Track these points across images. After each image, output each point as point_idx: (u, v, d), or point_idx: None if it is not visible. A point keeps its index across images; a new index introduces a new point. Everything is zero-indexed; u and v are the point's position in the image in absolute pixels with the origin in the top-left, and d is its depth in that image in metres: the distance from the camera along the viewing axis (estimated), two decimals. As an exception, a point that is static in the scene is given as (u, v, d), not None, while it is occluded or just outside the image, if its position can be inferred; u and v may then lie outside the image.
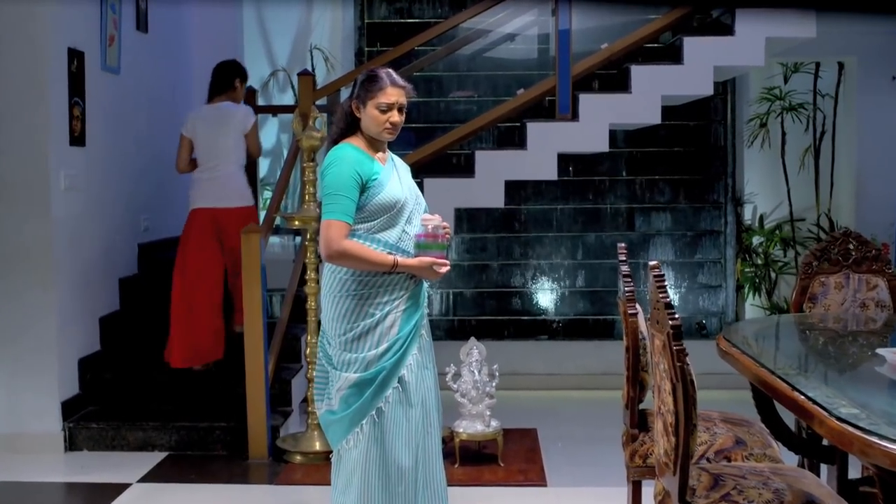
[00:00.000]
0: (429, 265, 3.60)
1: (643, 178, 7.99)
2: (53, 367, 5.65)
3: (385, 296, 3.63)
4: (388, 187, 3.62)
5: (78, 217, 5.88)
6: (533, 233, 8.01)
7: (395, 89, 3.65)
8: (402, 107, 3.67)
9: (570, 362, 7.72)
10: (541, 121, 6.55)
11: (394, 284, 3.63)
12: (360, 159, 3.62)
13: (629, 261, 3.88)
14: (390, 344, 3.62)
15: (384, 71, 3.69)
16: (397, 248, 3.62)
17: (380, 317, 3.62)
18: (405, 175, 3.78)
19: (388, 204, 3.61)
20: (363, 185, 3.59)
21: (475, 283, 8.02)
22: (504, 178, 6.41)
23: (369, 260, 3.57)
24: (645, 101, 6.36)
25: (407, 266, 3.60)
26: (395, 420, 3.62)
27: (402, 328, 3.64)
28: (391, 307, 3.63)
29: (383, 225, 3.63)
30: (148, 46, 6.99)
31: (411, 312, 3.68)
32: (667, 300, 2.78)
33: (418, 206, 3.74)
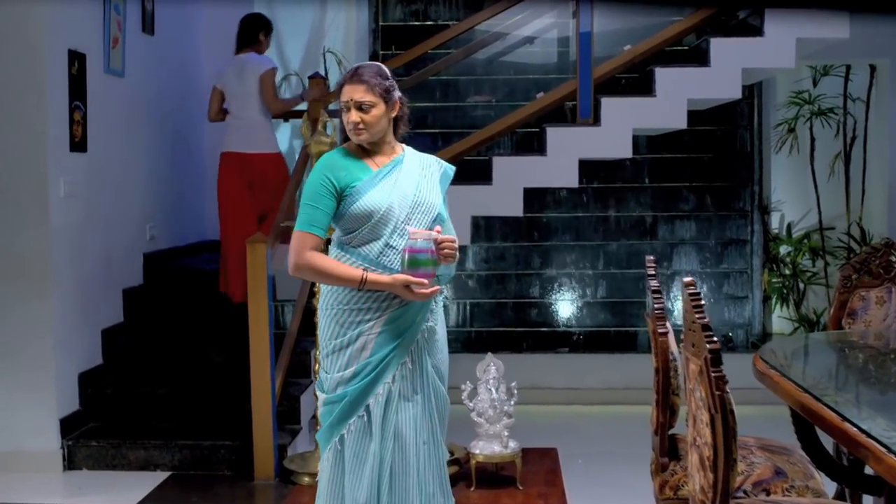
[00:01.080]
0: (402, 284, 3.24)
1: (666, 185, 7.76)
2: (51, 382, 5.41)
3: (357, 315, 3.33)
4: (368, 195, 3.31)
5: (78, 226, 5.65)
6: (552, 242, 7.78)
7: (351, 85, 3.32)
8: (363, 104, 3.31)
9: (592, 376, 7.45)
10: (561, 126, 6.31)
11: (368, 303, 3.32)
12: (336, 166, 3.37)
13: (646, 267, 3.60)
14: (358, 368, 3.33)
15: (354, 67, 3.41)
16: (377, 264, 3.31)
17: (350, 337, 3.34)
18: (412, 179, 3.40)
19: (363, 214, 3.30)
20: (339, 193, 3.33)
21: (493, 293, 7.79)
22: (523, 186, 6.16)
23: (334, 275, 3.31)
24: (670, 104, 6.11)
25: (377, 283, 3.28)
26: (355, 452, 3.34)
27: (374, 352, 3.32)
28: (363, 328, 3.33)
29: (364, 237, 3.34)
30: (154, 49, 6.76)
31: (389, 337, 3.32)
32: (704, 321, 2.51)
33: (421, 215, 3.38)
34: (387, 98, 3.36)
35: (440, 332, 3.49)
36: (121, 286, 6.25)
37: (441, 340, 3.49)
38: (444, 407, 3.50)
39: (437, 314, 3.47)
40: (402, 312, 3.34)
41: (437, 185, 3.47)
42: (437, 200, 3.43)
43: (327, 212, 3.33)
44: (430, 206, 3.40)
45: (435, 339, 3.45)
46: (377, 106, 3.33)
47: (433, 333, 3.44)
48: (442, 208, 3.44)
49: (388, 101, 3.37)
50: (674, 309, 7.62)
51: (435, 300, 3.43)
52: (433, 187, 3.45)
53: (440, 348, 3.48)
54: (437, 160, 3.55)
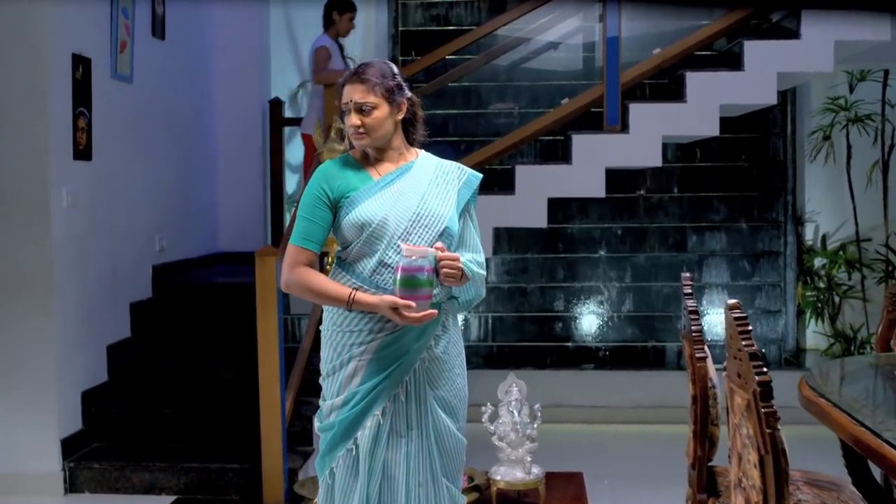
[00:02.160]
0: (389, 305, 2.91)
1: (696, 195, 7.50)
2: (53, 401, 5.17)
3: (349, 338, 3.06)
4: (362, 206, 3.02)
5: (82, 237, 5.41)
6: (577, 253, 7.51)
7: (351, 86, 3.05)
8: (363, 106, 3.02)
9: (618, 394, 7.16)
10: (587, 133, 6.03)
11: (360, 326, 3.04)
12: (333, 174, 3.10)
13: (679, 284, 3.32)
14: (348, 396, 3.06)
15: (357, 65, 3.14)
16: (370, 283, 3.02)
17: (342, 361, 3.07)
18: (417, 189, 3.07)
19: (355, 226, 3.02)
20: (333, 203, 3.07)
21: (515, 306, 7.52)
22: (547, 196, 5.90)
23: (322, 293, 3.04)
24: (702, 110, 5.83)
25: (364, 304, 2.98)
26: (343, 489, 3.07)
27: (364, 380, 3.04)
28: (354, 352, 3.05)
29: (358, 253, 3.06)
30: (165, 54, 6.52)
31: (381, 364, 3.02)
32: (752, 349, 2.23)
33: (422, 229, 3.03)
34: (391, 99, 3.07)
35: (451, 359, 3.15)
36: (128, 300, 6.01)
37: (451, 370, 3.16)
38: (452, 445, 3.14)
39: (447, 340, 3.14)
40: (397, 338, 3.03)
41: (453, 195, 3.12)
42: (447, 212, 3.08)
43: (322, 224, 3.07)
44: (435, 219, 3.05)
45: (441, 368, 3.12)
46: (379, 107, 3.04)
47: (438, 362, 3.11)
48: (452, 222, 3.08)
49: (393, 103, 3.08)
50: (704, 323, 7.32)
51: (444, 324, 3.12)
52: (445, 198, 3.10)
53: (449, 378, 3.15)
54: (458, 167, 3.21)
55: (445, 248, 2.98)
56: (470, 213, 3.19)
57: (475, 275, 3.09)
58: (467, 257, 3.09)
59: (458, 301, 3.20)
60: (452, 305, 3.16)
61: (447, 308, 3.13)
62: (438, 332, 3.10)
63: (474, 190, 3.19)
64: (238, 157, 7.47)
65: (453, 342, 3.17)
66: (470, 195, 3.17)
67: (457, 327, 3.22)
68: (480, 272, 3.13)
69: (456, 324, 3.21)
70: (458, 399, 3.18)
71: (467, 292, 3.23)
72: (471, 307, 3.32)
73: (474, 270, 3.09)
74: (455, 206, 3.11)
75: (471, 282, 3.10)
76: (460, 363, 3.21)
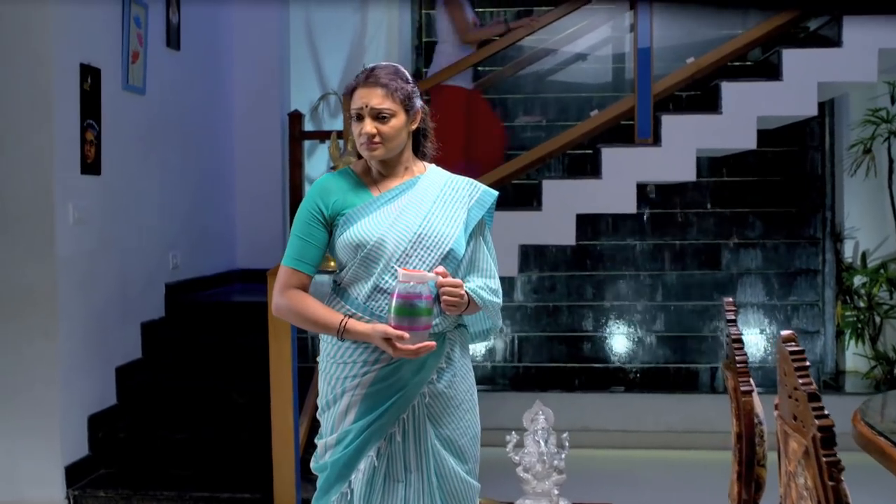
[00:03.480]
0: (381, 335, 2.66)
1: (730, 210, 7.22)
2: (56, 427, 4.93)
3: (343, 370, 2.80)
4: (358, 225, 2.77)
5: (90, 254, 5.18)
6: (607, 271, 7.25)
7: (367, 89, 2.76)
8: (382, 112, 2.75)
9: (649, 418, 6.87)
10: (617, 146, 5.78)
11: (353, 357, 2.78)
12: (329, 190, 2.85)
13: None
14: (341, 435, 2.79)
15: (367, 68, 2.85)
16: (364, 310, 2.76)
17: (335, 396, 2.81)
18: (421, 208, 2.81)
19: (349, 247, 2.77)
20: (329, 221, 2.82)
21: (542, 326, 7.25)
22: (575, 212, 5.66)
23: (312, 319, 2.78)
24: (738, 122, 5.58)
25: (355, 332, 2.72)
26: None
27: (358, 418, 2.77)
28: (347, 386, 2.78)
29: (353, 276, 2.80)
30: (180, 65, 6.30)
31: (376, 400, 2.76)
32: (811, 388, 1.96)
33: (424, 251, 2.76)
34: (408, 106, 2.81)
35: (458, 395, 2.87)
36: (139, 319, 5.78)
37: (458, 406, 2.87)
38: (459, 490, 2.84)
39: (452, 374, 2.85)
40: (393, 371, 2.76)
41: (461, 214, 2.84)
42: (452, 233, 2.79)
43: (317, 245, 2.82)
44: (439, 240, 2.78)
45: (445, 404, 2.84)
46: (397, 115, 2.78)
47: (441, 398, 2.83)
48: (457, 244, 2.80)
49: (410, 111, 2.82)
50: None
51: (448, 356, 2.84)
52: (451, 217, 2.82)
53: (455, 416, 2.86)
54: (470, 183, 2.92)
55: (448, 272, 2.72)
56: (483, 235, 2.92)
57: (486, 303, 2.82)
58: (478, 283, 2.83)
59: (467, 330, 2.93)
60: (461, 335, 2.90)
61: (452, 338, 2.86)
62: (441, 364, 2.82)
63: (488, 209, 2.91)
64: (256, 172, 7.25)
65: (461, 376, 2.89)
66: (482, 214, 2.89)
67: (465, 359, 2.93)
68: (494, 300, 2.85)
69: (465, 355, 2.93)
70: (466, 438, 2.88)
71: (479, 323, 2.97)
72: (484, 339, 3.05)
73: (485, 298, 2.81)
74: (463, 226, 2.82)
75: (482, 311, 2.84)
76: (469, 399, 2.92)
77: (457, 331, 2.88)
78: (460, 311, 2.75)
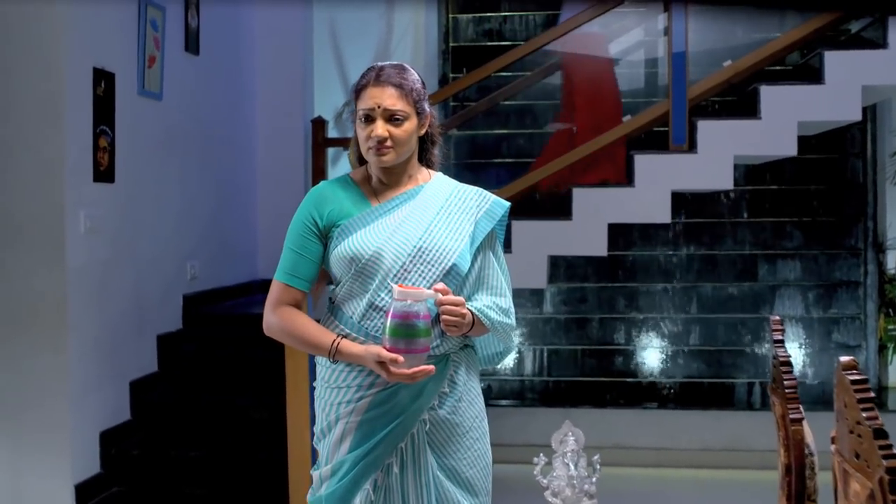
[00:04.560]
0: (374, 358, 2.43)
1: (767, 220, 6.97)
2: (66, 444, 4.73)
3: (336, 395, 2.58)
4: (354, 237, 2.55)
5: (103, 264, 5.00)
6: (639, 282, 7.01)
7: (378, 88, 2.53)
8: (396, 114, 2.53)
9: (684, 435, 6.63)
10: (650, 153, 5.55)
11: (348, 381, 2.56)
12: (325, 199, 2.63)
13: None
14: (335, 466, 2.57)
15: (374, 67, 2.61)
16: (359, 329, 2.54)
17: (329, 423, 2.60)
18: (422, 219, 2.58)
19: (343, 260, 2.55)
20: (323, 233, 2.60)
21: (572, 339, 7.03)
22: (607, 221, 5.43)
23: (303, 339, 2.56)
24: (778, 128, 5.34)
25: (348, 354, 2.51)
26: None
27: (352, 447, 2.54)
28: (341, 413, 2.56)
29: (347, 292, 2.58)
30: (199, 70, 6.12)
31: (372, 428, 2.53)
32: (877, 424, 1.73)
33: (424, 266, 2.53)
34: (419, 109, 2.59)
35: (464, 422, 2.61)
36: (155, 332, 5.59)
37: (465, 434, 2.61)
38: None
39: (457, 398, 2.60)
40: (390, 396, 2.53)
41: (467, 226, 2.61)
42: (456, 247, 2.56)
43: (311, 258, 2.60)
44: (440, 254, 2.54)
45: (449, 433, 2.59)
46: (410, 118, 2.55)
47: (444, 426, 2.58)
48: (461, 259, 2.57)
49: (421, 114, 2.60)
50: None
51: (452, 379, 2.60)
52: (456, 230, 2.59)
53: (461, 444, 2.61)
54: (479, 193, 2.69)
55: (450, 290, 2.49)
56: (494, 249, 2.69)
57: (495, 324, 2.58)
58: (485, 302, 2.60)
59: (475, 352, 2.70)
60: (468, 357, 2.66)
61: (457, 360, 2.62)
62: (444, 389, 2.58)
63: (498, 220, 2.69)
64: (278, 179, 7.06)
65: (467, 401, 2.63)
66: (492, 226, 2.67)
67: (472, 383, 2.67)
68: (504, 321, 2.61)
69: (471, 378, 2.67)
70: (475, 469, 2.63)
71: (490, 345, 2.73)
72: (497, 363, 2.80)
73: (493, 318, 2.57)
74: (469, 239, 2.59)
75: (491, 332, 2.60)
76: (478, 426, 2.66)
77: (462, 352, 2.64)
78: (462, 332, 2.52)
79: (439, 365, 2.53)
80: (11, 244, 4.70)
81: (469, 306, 2.55)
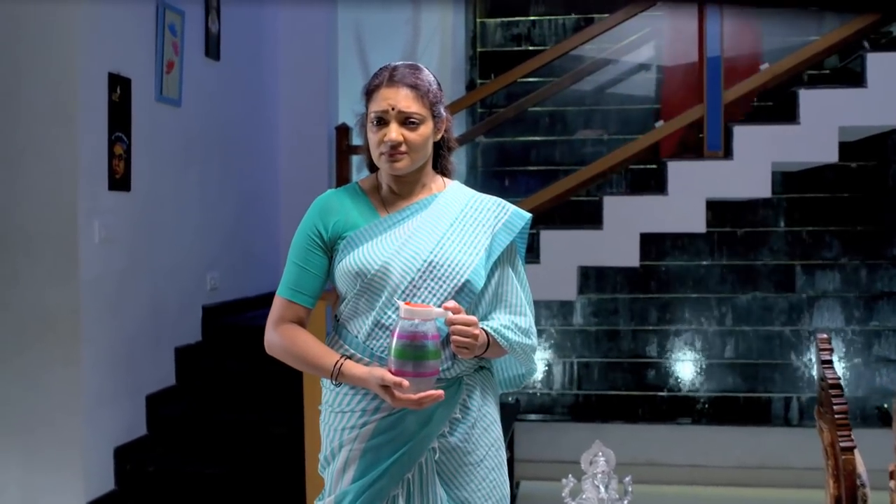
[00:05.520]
0: (377, 381, 2.23)
1: (805, 229, 6.74)
2: (78, 459, 4.59)
3: (340, 420, 2.40)
4: (360, 250, 2.37)
5: (118, 275, 4.86)
6: (672, 293, 6.79)
7: (392, 88, 2.35)
8: (412, 117, 2.34)
9: (719, 452, 6.43)
10: (685, 159, 5.35)
11: (352, 405, 2.38)
12: (330, 209, 2.45)
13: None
14: (338, 498, 2.38)
15: (387, 67, 2.43)
16: (364, 350, 2.36)
17: (333, 451, 2.42)
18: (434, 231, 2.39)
19: (348, 275, 2.37)
20: (328, 245, 2.43)
21: (603, 352, 6.82)
22: (639, 231, 5.24)
23: (304, 359, 2.38)
24: (818, 133, 5.14)
25: (351, 377, 2.32)
26: None
27: (357, 476, 2.35)
28: (344, 439, 2.38)
29: (353, 309, 2.40)
30: (219, 76, 5.99)
31: (379, 455, 2.34)
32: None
33: (434, 283, 2.34)
34: (436, 113, 2.40)
35: (477, 451, 2.42)
36: (173, 344, 5.44)
37: (478, 464, 2.41)
38: None
39: (470, 425, 2.41)
40: (396, 422, 2.34)
41: (483, 239, 2.41)
42: (469, 262, 2.36)
43: (315, 273, 2.43)
44: (452, 270, 2.34)
45: (460, 462, 2.40)
46: (426, 122, 2.36)
47: (455, 455, 2.39)
48: (475, 275, 2.36)
49: (437, 118, 2.41)
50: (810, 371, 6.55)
51: (464, 404, 2.41)
52: (470, 243, 2.39)
53: (474, 474, 2.41)
54: (498, 203, 2.49)
55: (462, 308, 2.28)
56: (513, 264, 2.48)
57: (513, 345, 2.38)
58: (503, 321, 2.39)
59: (491, 374, 2.51)
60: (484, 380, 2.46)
61: (471, 383, 2.42)
62: (455, 414, 2.38)
63: (519, 232, 2.48)
64: (302, 187, 6.89)
65: (481, 428, 2.43)
66: (511, 239, 2.46)
67: (488, 407, 2.47)
68: (524, 341, 2.41)
69: (487, 403, 2.47)
70: (490, 501, 2.43)
71: (509, 368, 2.55)
72: (517, 386, 2.60)
73: (511, 339, 2.38)
74: (484, 254, 2.39)
75: (510, 354, 2.41)
76: (493, 455, 2.46)
77: (477, 375, 2.44)
78: (475, 354, 2.32)
79: (451, 389, 2.35)
80: (24, 254, 4.57)
81: (484, 326, 2.36)
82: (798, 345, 6.64)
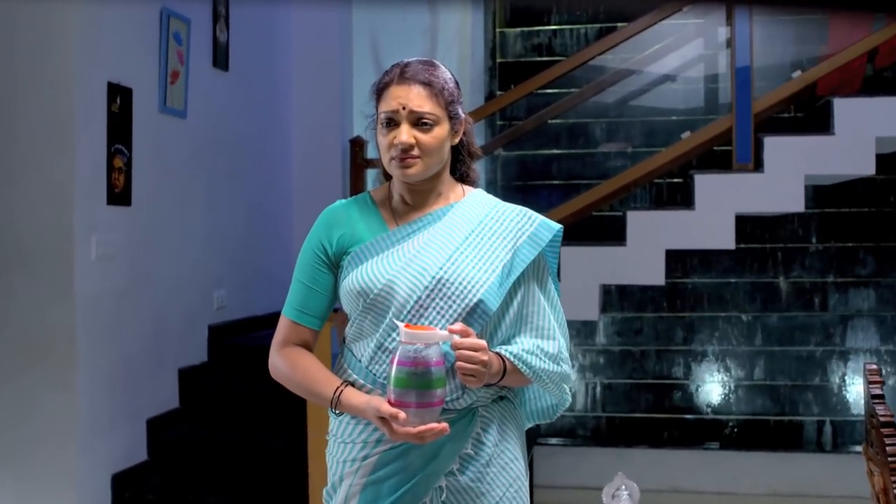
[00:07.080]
0: (375, 412, 2.01)
1: (838, 245, 6.46)
2: (72, 487, 4.36)
3: (343, 451, 2.18)
4: (364, 266, 2.15)
5: (117, 293, 4.64)
6: (699, 312, 6.53)
7: (403, 86, 2.11)
8: (425, 117, 2.11)
9: (748, 479, 6.17)
10: (712, 172, 5.11)
11: (353, 435, 2.15)
12: (336, 222, 2.22)
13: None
14: None
15: (403, 61, 2.19)
16: (368, 375, 2.14)
17: (334, 483, 2.20)
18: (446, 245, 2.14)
19: (352, 292, 2.15)
20: (333, 261, 2.20)
21: (627, 373, 6.58)
22: (664, 247, 5.00)
23: (304, 386, 2.18)
24: (853, 144, 4.91)
25: (350, 406, 2.10)
26: None
27: None
28: (346, 471, 2.16)
29: (357, 331, 2.18)
30: (228, 87, 5.78)
31: (380, 492, 2.11)
32: None
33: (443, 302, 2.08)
34: (452, 114, 2.16)
35: (491, 491, 2.14)
36: (177, 365, 5.22)
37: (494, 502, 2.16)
38: None
39: (484, 462, 2.15)
40: (399, 456, 2.11)
41: (502, 254, 2.15)
42: (484, 279, 2.10)
43: (322, 291, 2.21)
44: (464, 288, 2.09)
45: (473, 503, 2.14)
46: (441, 123, 2.12)
47: (467, 496, 2.13)
48: (490, 294, 2.11)
49: (455, 119, 2.17)
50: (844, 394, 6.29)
51: (478, 438, 2.15)
52: (486, 258, 2.13)
53: None
54: (524, 213, 2.23)
55: (472, 331, 2.04)
56: (541, 281, 2.22)
57: (538, 372, 2.12)
58: (526, 345, 2.13)
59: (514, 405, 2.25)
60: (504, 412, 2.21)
61: (488, 415, 2.17)
62: (468, 450, 2.13)
63: (547, 245, 2.21)
64: (315, 202, 6.59)
65: (498, 466, 2.17)
66: (537, 254, 2.19)
67: (508, 443, 2.20)
68: (551, 368, 2.15)
69: (508, 438, 2.20)
70: None
71: (539, 398, 2.29)
72: (549, 418, 2.33)
73: (534, 366, 2.12)
74: (502, 271, 2.13)
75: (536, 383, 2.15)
76: (512, 497, 2.18)
77: (496, 406, 2.19)
78: (484, 382, 2.05)
79: (461, 421, 2.11)
80: (17, 271, 4.36)
81: (503, 350, 2.11)
82: (830, 365, 6.37)
